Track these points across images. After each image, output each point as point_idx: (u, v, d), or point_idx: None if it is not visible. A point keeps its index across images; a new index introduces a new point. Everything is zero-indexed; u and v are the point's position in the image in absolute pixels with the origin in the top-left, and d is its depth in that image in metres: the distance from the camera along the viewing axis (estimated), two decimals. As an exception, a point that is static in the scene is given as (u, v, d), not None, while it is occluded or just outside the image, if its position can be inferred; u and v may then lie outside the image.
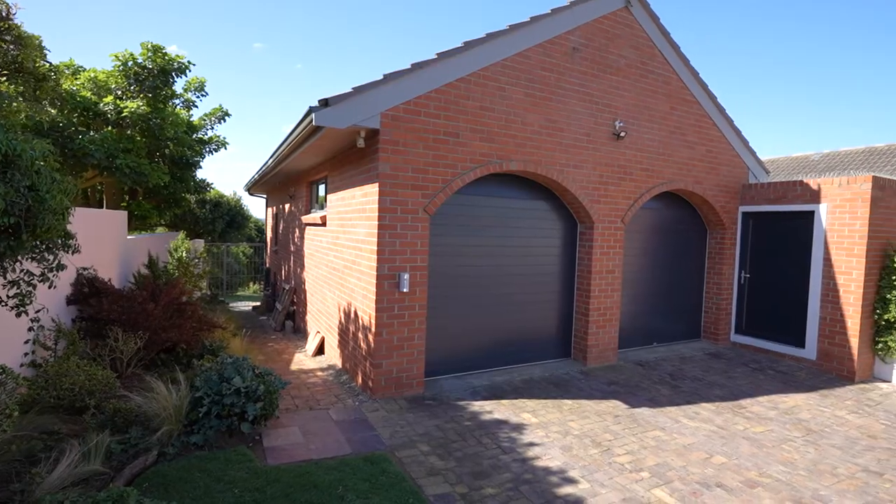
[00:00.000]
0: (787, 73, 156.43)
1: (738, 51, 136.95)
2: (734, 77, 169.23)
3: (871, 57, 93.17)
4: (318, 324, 7.29)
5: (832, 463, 4.14)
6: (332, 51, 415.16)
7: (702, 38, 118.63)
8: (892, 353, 6.47)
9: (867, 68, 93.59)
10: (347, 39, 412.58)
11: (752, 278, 7.85)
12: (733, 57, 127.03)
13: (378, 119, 4.86)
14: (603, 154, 6.44)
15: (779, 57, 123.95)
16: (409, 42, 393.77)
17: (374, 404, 4.89)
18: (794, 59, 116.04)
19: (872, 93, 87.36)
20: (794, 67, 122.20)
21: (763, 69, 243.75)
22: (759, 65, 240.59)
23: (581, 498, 3.40)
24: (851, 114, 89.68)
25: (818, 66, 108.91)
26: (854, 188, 6.56)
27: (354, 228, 5.63)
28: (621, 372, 6.37)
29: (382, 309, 5.01)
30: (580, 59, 6.17)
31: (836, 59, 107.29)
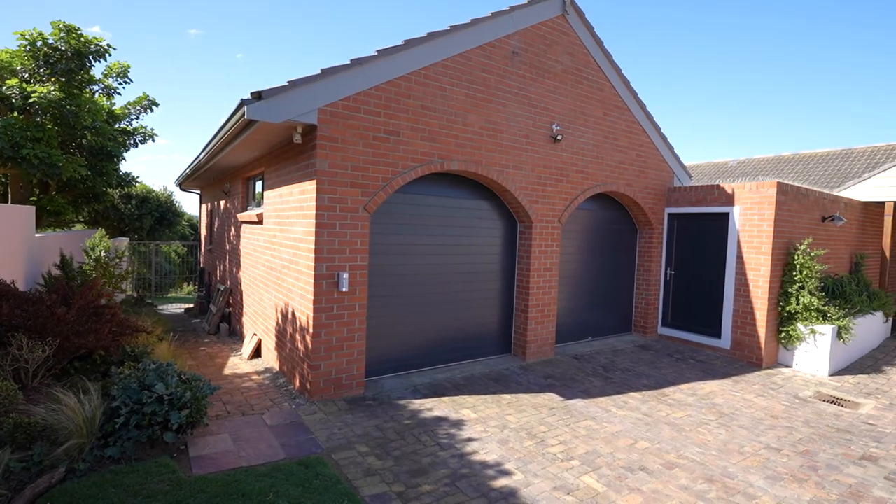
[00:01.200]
0: (705, 82, 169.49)
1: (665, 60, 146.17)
2: (658, 83, 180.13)
3: (796, 69, 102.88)
4: (255, 326, 7.00)
5: (740, 442, 4.55)
6: (276, 42, 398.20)
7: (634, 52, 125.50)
8: (792, 341, 7.19)
9: (783, 79, 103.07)
10: (291, 31, 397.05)
11: (676, 275, 8.43)
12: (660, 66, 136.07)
13: (315, 114, 4.74)
14: (541, 156, 6.66)
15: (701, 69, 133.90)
16: (362, 37, 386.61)
17: (311, 407, 4.77)
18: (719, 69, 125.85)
19: (793, 101, 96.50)
20: (714, 78, 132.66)
21: (684, 79, 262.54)
22: (680, 74, 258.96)
23: (515, 489, 3.51)
24: (772, 121, 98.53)
25: (738, 78, 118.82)
26: (762, 192, 7.22)
27: (292, 227, 5.46)
28: (558, 366, 6.63)
29: (321, 309, 4.90)
30: (519, 62, 6.34)
31: (762, 70, 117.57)
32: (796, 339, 7.13)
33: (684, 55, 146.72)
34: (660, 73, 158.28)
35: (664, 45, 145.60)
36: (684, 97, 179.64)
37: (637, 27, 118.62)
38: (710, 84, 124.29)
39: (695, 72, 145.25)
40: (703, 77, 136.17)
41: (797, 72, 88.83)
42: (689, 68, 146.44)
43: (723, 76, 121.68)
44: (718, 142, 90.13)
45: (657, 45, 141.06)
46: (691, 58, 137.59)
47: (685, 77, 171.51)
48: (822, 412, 5.49)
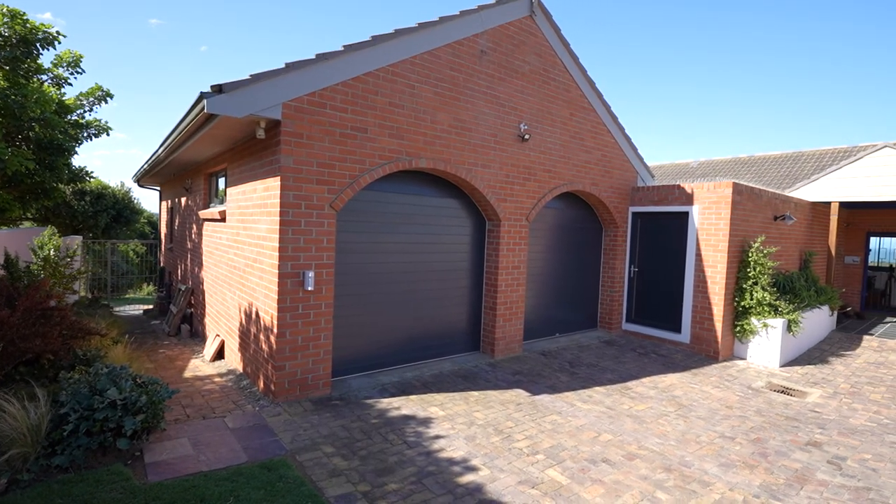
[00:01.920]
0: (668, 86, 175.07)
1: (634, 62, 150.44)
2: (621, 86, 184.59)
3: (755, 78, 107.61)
4: (218, 327, 6.80)
5: (697, 432, 4.73)
6: (243, 36, 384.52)
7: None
8: (747, 334, 7.54)
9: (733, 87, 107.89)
10: (258, 24, 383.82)
11: (639, 272, 8.69)
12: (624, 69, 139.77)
13: (279, 109, 4.63)
14: (509, 155, 6.73)
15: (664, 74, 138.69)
16: (333, 35, 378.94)
17: (276, 408, 4.67)
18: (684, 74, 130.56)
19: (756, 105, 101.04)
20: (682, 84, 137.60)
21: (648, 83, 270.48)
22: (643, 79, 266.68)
23: (481, 484, 3.54)
24: (733, 124, 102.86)
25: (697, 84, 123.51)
26: (719, 192, 7.53)
27: (256, 224, 5.32)
28: (526, 362, 6.73)
29: (285, 308, 4.80)
30: (488, 62, 6.38)
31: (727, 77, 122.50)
32: (750, 332, 7.48)
33: (654, 60, 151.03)
34: (627, 74, 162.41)
35: (630, 47, 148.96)
36: (651, 98, 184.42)
37: (606, 28, 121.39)
38: (676, 87, 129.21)
39: (662, 74, 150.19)
40: (668, 80, 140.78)
41: (757, 77, 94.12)
42: (658, 70, 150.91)
43: (686, 81, 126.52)
44: (681, 143, 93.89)
45: (625, 47, 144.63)
46: (661, 60, 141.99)
47: (652, 79, 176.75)
48: (773, 401, 5.77)
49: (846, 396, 6.09)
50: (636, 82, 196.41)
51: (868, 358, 8.04)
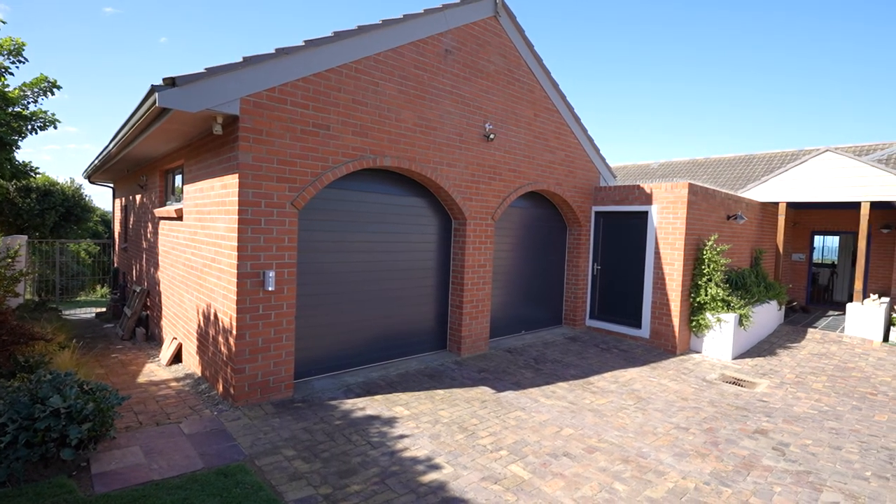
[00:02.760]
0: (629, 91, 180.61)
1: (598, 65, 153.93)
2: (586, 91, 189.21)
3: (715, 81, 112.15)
4: (175, 329, 6.54)
5: (654, 424, 4.91)
6: (205, 27, 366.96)
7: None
8: (702, 329, 7.87)
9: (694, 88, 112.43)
10: (222, 14, 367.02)
11: (602, 270, 8.93)
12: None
13: (237, 105, 4.50)
14: (474, 154, 6.77)
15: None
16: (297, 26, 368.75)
17: (235, 412, 4.54)
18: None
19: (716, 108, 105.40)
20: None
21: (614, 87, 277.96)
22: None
23: (444, 482, 3.55)
24: (693, 126, 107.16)
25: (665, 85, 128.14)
26: (676, 192, 7.81)
27: (214, 223, 5.15)
28: (492, 360, 6.79)
29: (245, 309, 4.67)
30: (453, 61, 6.39)
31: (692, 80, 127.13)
32: (705, 326, 7.81)
33: (618, 65, 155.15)
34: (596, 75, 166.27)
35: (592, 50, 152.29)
36: (618, 99, 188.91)
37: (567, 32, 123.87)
38: (640, 90, 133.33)
39: (623, 78, 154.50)
40: (631, 83, 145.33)
41: (715, 82, 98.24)
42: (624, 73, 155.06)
43: (647, 84, 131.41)
44: (643, 144, 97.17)
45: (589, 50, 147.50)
46: (626, 64, 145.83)
47: (620, 81, 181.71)
48: (725, 392, 6.05)
49: (791, 386, 6.45)
50: (601, 79, 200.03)
51: (812, 349, 8.54)
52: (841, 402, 5.88)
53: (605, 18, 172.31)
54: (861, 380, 6.83)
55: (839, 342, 9.07)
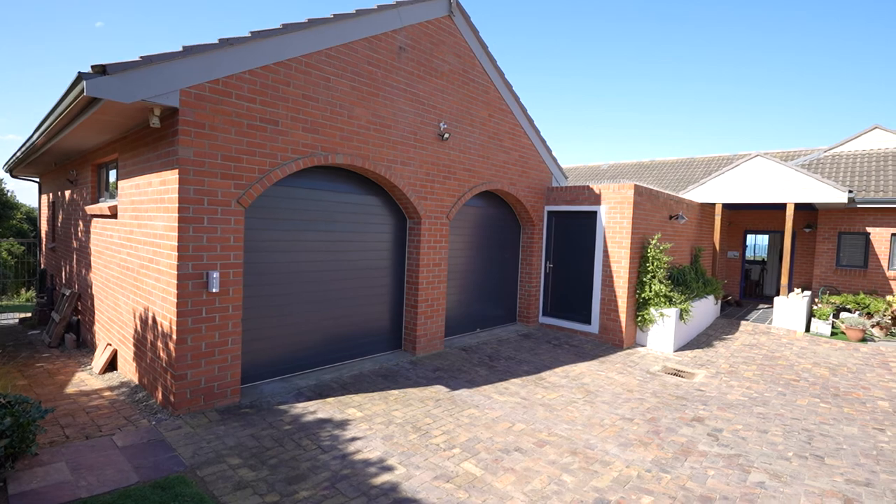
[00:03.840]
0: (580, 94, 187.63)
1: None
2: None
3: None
4: (110, 335, 6.12)
5: (601, 416, 5.10)
6: (145, 12, 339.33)
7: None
8: (646, 323, 8.26)
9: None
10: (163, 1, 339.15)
11: (554, 268, 9.18)
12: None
13: (177, 96, 4.26)
14: (429, 153, 6.77)
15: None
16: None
17: (175, 421, 4.30)
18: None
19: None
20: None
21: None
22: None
23: (396, 483, 3.53)
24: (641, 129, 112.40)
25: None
26: (622, 193, 8.15)
27: (152, 221, 4.86)
28: (447, 358, 6.82)
29: (187, 312, 4.44)
30: (407, 59, 6.35)
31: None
32: (649, 321, 8.20)
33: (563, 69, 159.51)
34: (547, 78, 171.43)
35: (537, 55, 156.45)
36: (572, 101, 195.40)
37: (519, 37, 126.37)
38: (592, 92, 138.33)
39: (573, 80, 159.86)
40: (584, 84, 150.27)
41: (661, 87, 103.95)
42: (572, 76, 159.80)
43: (597, 86, 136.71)
44: (594, 146, 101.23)
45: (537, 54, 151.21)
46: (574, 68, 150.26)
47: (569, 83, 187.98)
48: (667, 383, 6.38)
49: (725, 375, 6.90)
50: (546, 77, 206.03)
51: (744, 341, 9.17)
52: (768, 388, 6.35)
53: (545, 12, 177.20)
54: (786, 367, 7.41)
55: (768, 333, 9.80)
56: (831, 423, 5.19)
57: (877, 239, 11.23)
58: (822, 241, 12.01)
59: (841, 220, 11.70)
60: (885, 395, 6.27)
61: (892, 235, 11.06)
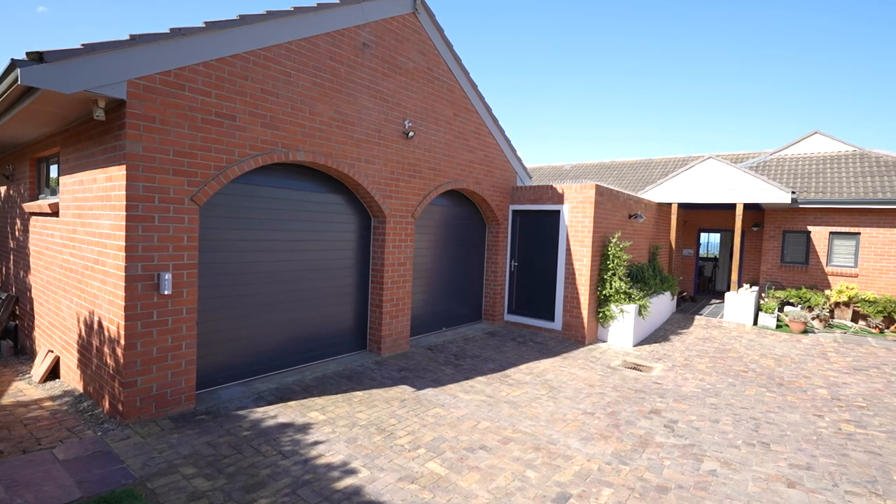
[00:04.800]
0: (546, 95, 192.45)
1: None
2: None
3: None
4: (52, 341, 5.73)
5: (564, 412, 5.20)
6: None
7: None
8: (607, 319, 8.50)
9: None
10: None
11: (519, 266, 9.30)
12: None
13: (124, 87, 4.02)
14: (394, 151, 6.70)
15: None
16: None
17: (124, 431, 4.08)
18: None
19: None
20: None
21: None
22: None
23: (360, 486, 3.47)
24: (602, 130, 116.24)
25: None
26: (584, 193, 8.35)
27: (97, 220, 4.57)
28: (412, 358, 6.79)
29: (136, 316, 4.21)
30: (371, 55, 6.26)
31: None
32: (610, 317, 8.44)
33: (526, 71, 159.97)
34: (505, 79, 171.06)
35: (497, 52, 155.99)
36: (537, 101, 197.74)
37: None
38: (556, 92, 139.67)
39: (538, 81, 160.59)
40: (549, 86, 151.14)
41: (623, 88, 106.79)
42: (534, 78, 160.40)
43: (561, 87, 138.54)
44: (556, 146, 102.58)
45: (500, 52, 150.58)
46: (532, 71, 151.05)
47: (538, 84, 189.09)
48: (626, 377, 6.59)
49: (681, 368, 7.19)
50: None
51: (698, 335, 9.60)
52: (720, 380, 6.67)
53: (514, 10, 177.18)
54: (736, 359, 7.80)
55: (720, 327, 10.29)
56: (776, 412, 5.50)
57: (817, 237, 12.00)
58: (769, 239, 12.72)
59: (785, 220, 12.43)
60: (823, 383, 6.70)
61: (831, 234, 11.84)
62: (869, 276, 11.25)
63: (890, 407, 5.81)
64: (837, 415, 5.48)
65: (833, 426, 5.12)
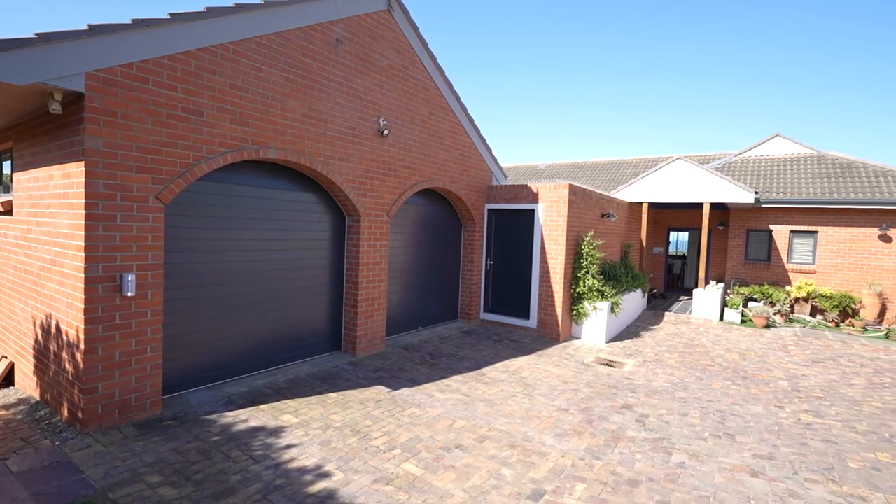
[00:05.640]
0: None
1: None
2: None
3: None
4: (6, 346, 5.44)
5: (539, 409, 5.26)
6: None
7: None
8: (581, 317, 8.64)
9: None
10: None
11: (494, 265, 9.35)
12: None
13: (82, 80, 3.84)
14: (368, 149, 6.63)
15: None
16: None
17: (84, 440, 3.90)
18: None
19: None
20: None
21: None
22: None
23: (334, 490, 3.42)
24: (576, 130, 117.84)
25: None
26: (558, 192, 8.46)
27: (54, 219, 4.36)
28: (388, 358, 6.74)
29: (97, 319, 4.03)
30: (345, 52, 6.17)
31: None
32: (584, 315, 8.59)
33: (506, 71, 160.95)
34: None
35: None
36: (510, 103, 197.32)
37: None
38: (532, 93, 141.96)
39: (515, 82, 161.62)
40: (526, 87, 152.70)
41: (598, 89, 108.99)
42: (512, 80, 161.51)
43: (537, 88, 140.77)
44: (532, 146, 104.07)
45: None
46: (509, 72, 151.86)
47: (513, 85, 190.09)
48: (599, 373, 6.71)
49: (651, 364, 7.37)
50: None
51: (668, 330, 9.87)
52: (688, 374, 6.87)
53: None
54: (703, 354, 8.05)
55: (688, 323, 10.61)
56: (741, 404, 5.70)
57: (778, 235, 12.51)
58: (734, 237, 13.19)
59: (749, 219, 12.90)
60: (784, 375, 6.99)
61: (791, 232, 12.37)
62: (826, 273, 11.81)
63: (845, 397, 6.10)
64: (797, 405, 5.72)
65: (793, 417, 5.35)
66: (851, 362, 7.84)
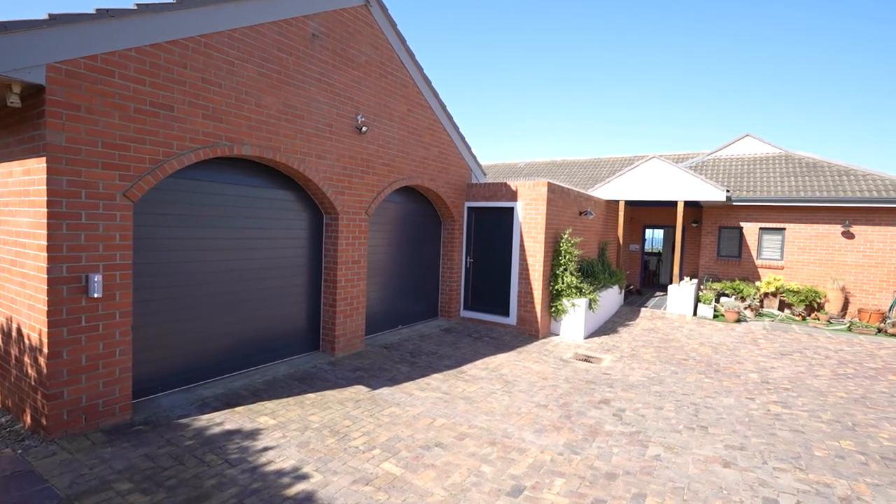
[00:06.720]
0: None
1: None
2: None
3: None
4: (-38, 351, 5.17)
5: (518, 405, 5.29)
6: None
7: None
8: (559, 313, 8.74)
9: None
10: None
11: (474, 262, 9.37)
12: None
13: (42, 72, 3.67)
14: (346, 146, 6.55)
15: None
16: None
17: (49, 447, 3.74)
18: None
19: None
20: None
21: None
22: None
23: (312, 492, 3.37)
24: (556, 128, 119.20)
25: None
26: (537, 190, 8.52)
27: (14, 217, 4.16)
28: (368, 357, 6.68)
29: (61, 322, 3.87)
30: (321, 47, 6.07)
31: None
32: (562, 311, 8.69)
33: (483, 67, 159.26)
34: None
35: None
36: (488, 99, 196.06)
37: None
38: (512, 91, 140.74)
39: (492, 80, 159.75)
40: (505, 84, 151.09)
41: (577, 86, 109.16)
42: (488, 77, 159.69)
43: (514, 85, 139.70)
44: (511, 144, 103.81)
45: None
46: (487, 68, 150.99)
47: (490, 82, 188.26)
48: (578, 369, 6.80)
49: (628, 359, 7.51)
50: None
51: (644, 326, 10.07)
52: (664, 368, 7.03)
53: None
54: (678, 349, 8.25)
55: (663, 318, 10.85)
56: (714, 396, 5.86)
57: (748, 232, 12.89)
58: (706, 234, 13.54)
59: (721, 216, 13.27)
60: (754, 368, 7.22)
61: (760, 229, 12.77)
62: (793, 269, 12.24)
63: (811, 388, 6.34)
64: (767, 397, 5.91)
65: (763, 408, 5.52)
66: (817, 354, 8.15)
